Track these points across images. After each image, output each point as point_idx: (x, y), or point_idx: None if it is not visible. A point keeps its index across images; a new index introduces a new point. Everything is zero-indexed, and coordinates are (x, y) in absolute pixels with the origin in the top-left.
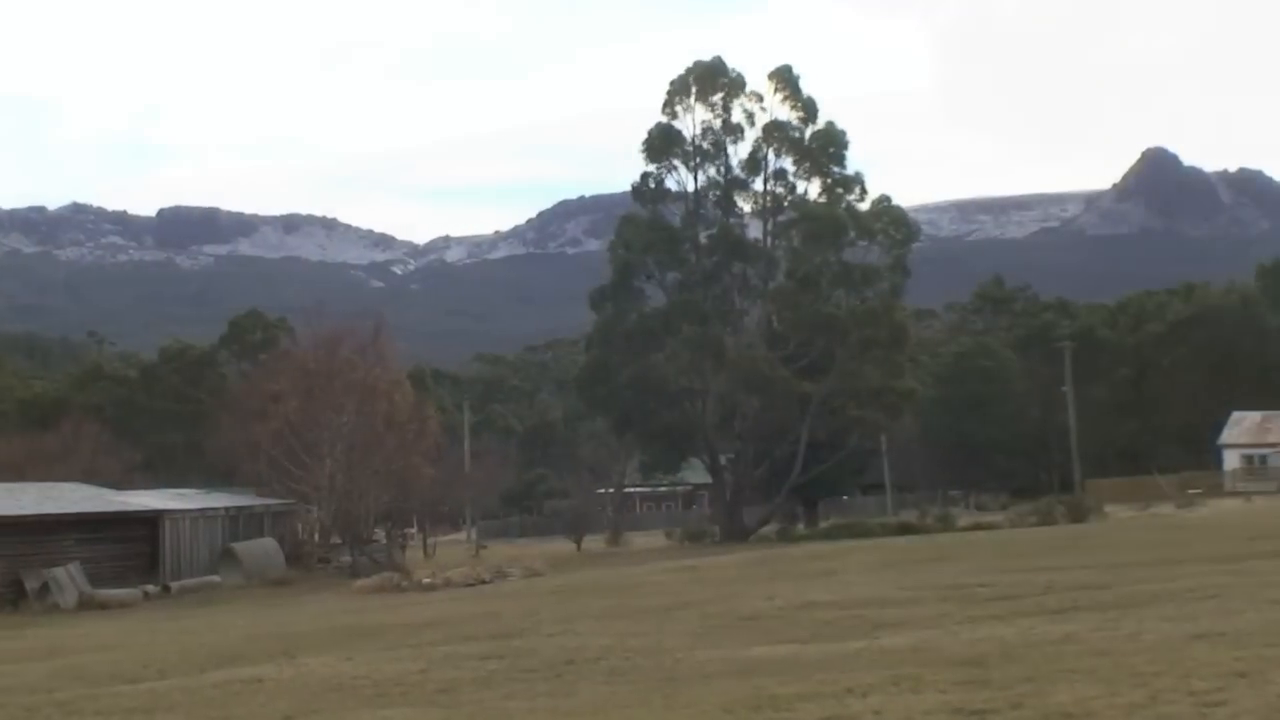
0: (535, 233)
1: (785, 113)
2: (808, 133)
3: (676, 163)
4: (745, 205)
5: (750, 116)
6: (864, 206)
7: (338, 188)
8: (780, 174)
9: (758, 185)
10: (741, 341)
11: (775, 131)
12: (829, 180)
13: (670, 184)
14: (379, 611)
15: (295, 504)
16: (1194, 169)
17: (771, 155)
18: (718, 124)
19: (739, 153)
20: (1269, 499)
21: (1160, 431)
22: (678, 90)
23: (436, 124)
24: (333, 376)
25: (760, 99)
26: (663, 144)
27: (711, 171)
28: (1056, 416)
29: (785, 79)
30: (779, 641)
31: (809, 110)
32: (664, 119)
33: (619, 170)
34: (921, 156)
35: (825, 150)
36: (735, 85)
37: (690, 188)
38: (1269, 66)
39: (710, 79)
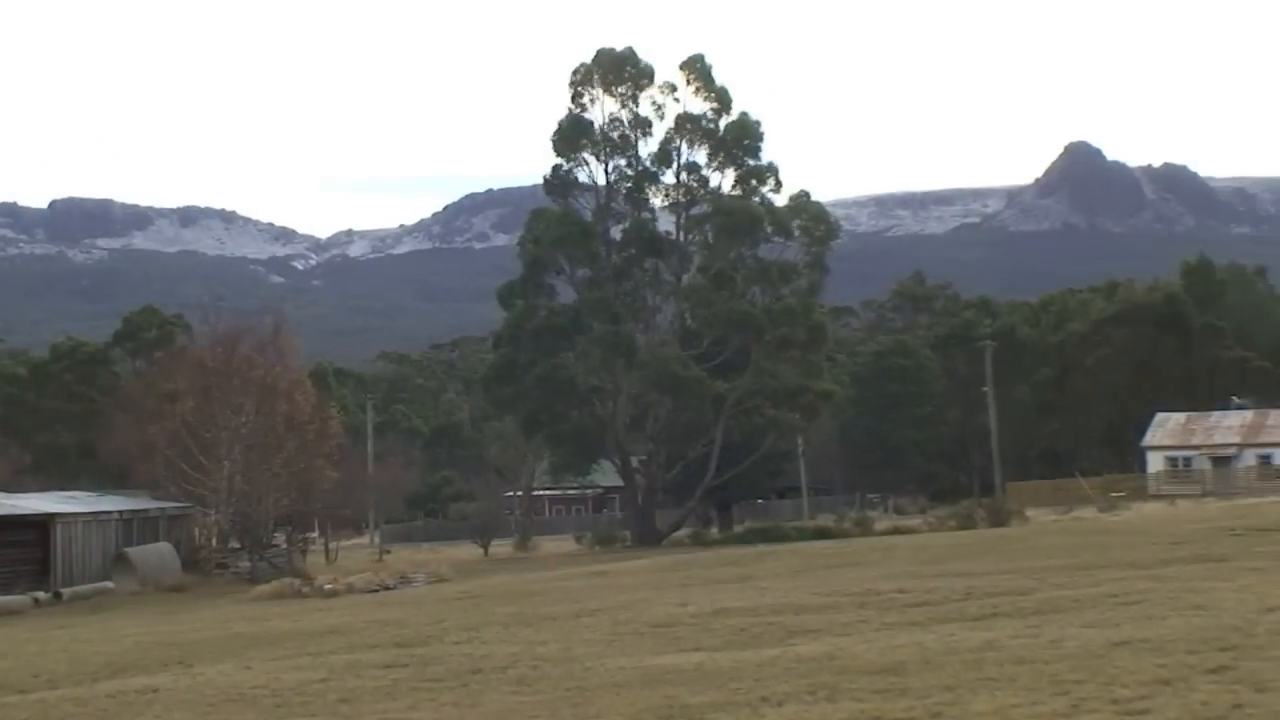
0: (441, 227)
1: (698, 104)
2: (721, 124)
3: (586, 155)
4: (657, 199)
5: (659, 108)
6: (780, 199)
7: (237, 179)
8: (693, 166)
9: (670, 178)
10: (654, 340)
11: (687, 123)
12: (743, 172)
13: (581, 177)
14: (279, 619)
15: (192, 507)
16: (1118, 164)
17: (684, 147)
18: (626, 115)
19: (650, 144)
20: (1193, 502)
21: (1083, 433)
22: (583, 81)
23: (339, 114)
24: (231, 375)
25: (673, 89)
26: (571, 136)
27: (622, 164)
28: (977, 417)
29: (697, 69)
30: (691, 649)
31: (722, 101)
32: (573, 110)
33: (529, 163)
34: (839, 150)
35: (739, 142)
36: (643, 75)
37: (601, 181)
38: (1194, 60)
39: (617, 69)
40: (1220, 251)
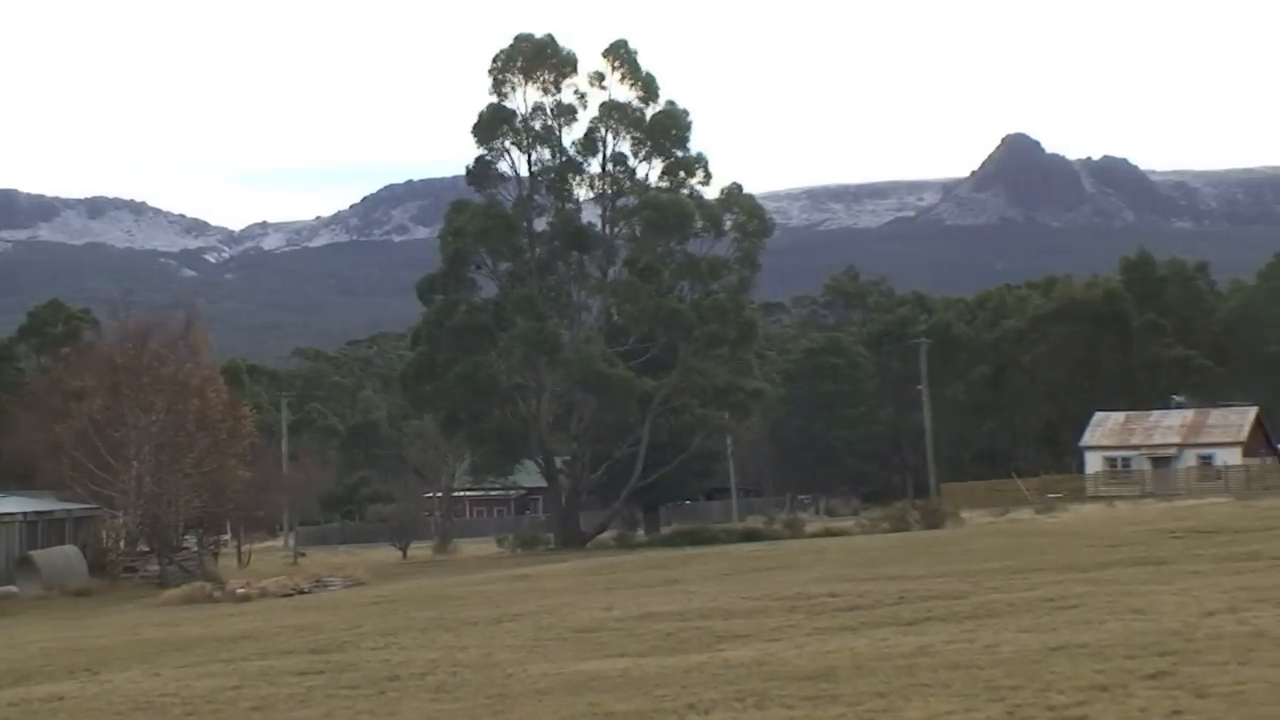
0: (359, 219)
1: (623, 92)
2: (648, 113)
3: (508, 145)
4: (582, 190)
5: (583, 96)
6: (710, 192)
7: (147, 169)
8: (619, 157)
9: (595, 168)
10: (579, 336)
11: (613, 111)
12: (671, 163)
13: (503, 168)
14: (189, 624)
15: (99, 509)
16: (1056, 156)
17: (609, 136)
18: (549, 104)
19: (574, 134)
20: (1132, 504)
21: (1020, 432)
22: (503, 68)
23: (254, 102)
24: (141, 372)
25: (599, 78)
26: (492, 126)
27: (545, 155)
28: (911, 416)
29: (621, 55)
30: (616, 655)
31: (648, 88)
32: (494, 99)
33: (450, 153)
34: (769, 141)
35: (666, 132)
36: (566, 63)
37: (524, 172)
38: (1135, 51)
39: (539, 56)
40: (1161, 246)
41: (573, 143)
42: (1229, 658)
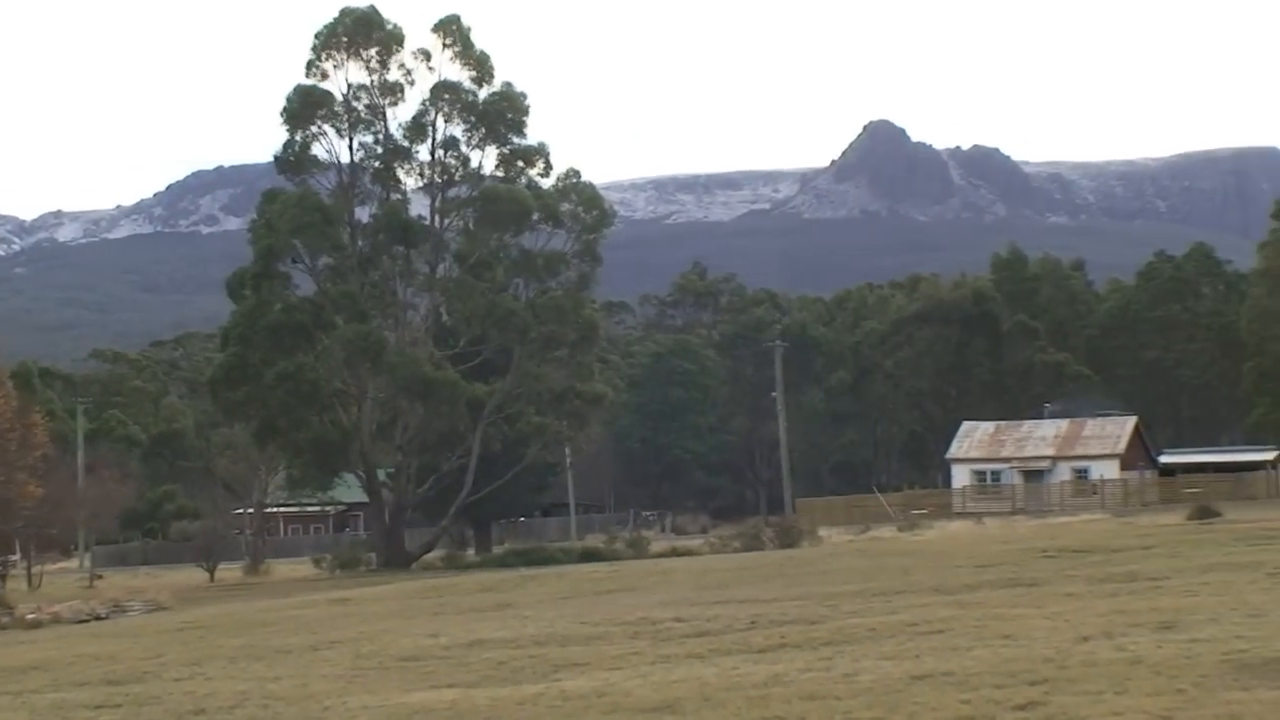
0: (164, 208)
1: (455, 71)
2: (482, 95)
3: (327, 128)
4: (410, 179)
5: (410, 74)
6: (548, 182)
7: None
8: (451, 142)
9: (424, 155)
10: (404, 338)
11: (444, 93)
12: (507, 150)
13: (321, 153)
14: None
15: None
16: (923, 145)
17: (440, 120)
18: (374, 83)
19: (401, 117)
20: (1002, 520)
21: (882, 444)
22: (325, 44)
23: (49, 79)
24: None
25: (427, 56)
26: (306, 107)
27: (369, 139)
28: (765, 426)
29: (453, 31)
30: (444, 685)
31: (482, 68)
32: (311, 79)
33: (264, 138)
34: (612, 128)
35: (502, 116)
36: (393, 39)
37: (345, 158)
38: (1006, 34)
39: (363, 30)
40: (1034, 243)
41: (400, 126)
42: (1104, 686)
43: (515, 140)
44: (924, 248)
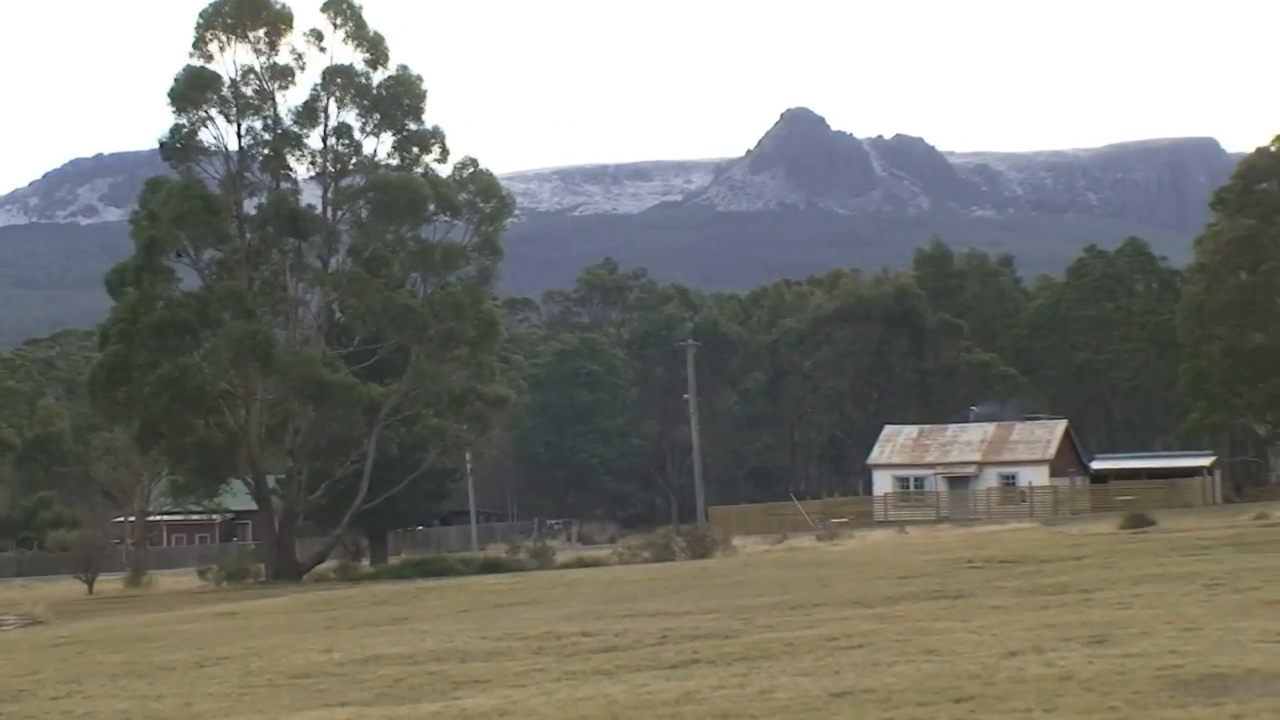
0: (40, 198)
1: (348, 54)
2: (376, 79)
3: (214, 113)
4: (301, 167)
5: (300, 57)
6: (445, 170)
7: None
8: (344, 129)
9: (316, 142)
10: (295, 336)
11: (336, 76)
12: (403, 138)
13: (207, 140)
14: None
15: None
16: (843, 135)
17: (332, 105)
18: (262, 66)
19: (292, 101)
20: (926, 529)
21: (800, 448)
22: (210, 24)
23: None
24: None
25: (320, 37)
26: (192, 90)
27: (257, 125)
28: (677, 430)
29: (345, 11)
30: (336, 704)
31: (376, 51)
32: (196, 61)
33: (147, 124)
34: (515, 117)
35: (398, 101)
36: (282, 19)
37: (232, 145)
38: (929, 17)
39: (251, 10)
40: (959, 237)
41: (290, 111)
42: (1033, 704)
43: (411, 126)
44: (844, 242)
